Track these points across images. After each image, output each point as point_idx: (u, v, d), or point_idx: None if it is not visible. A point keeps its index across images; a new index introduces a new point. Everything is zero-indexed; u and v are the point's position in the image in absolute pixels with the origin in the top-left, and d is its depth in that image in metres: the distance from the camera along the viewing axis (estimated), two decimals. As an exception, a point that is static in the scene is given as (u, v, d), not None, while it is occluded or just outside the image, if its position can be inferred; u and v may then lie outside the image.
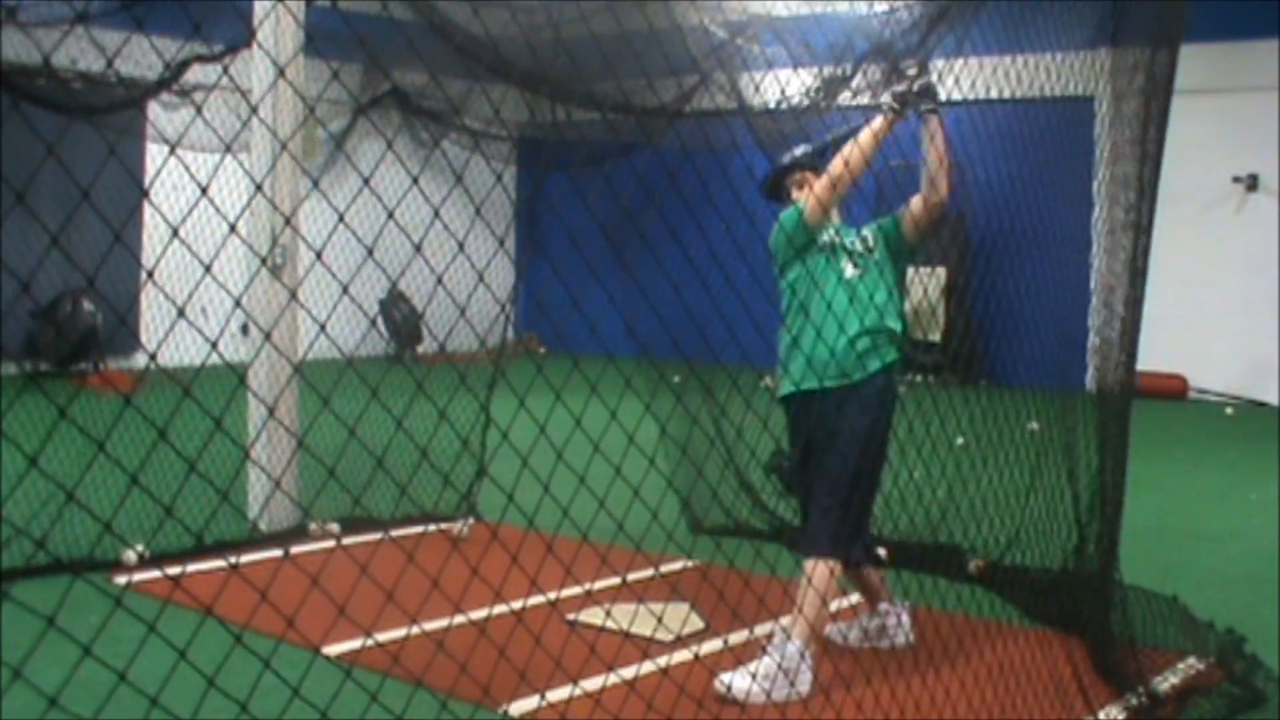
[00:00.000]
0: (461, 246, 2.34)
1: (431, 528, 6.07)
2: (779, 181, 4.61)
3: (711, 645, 4.37)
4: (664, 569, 4.70)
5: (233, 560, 4.11)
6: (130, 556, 5.41)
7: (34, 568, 5.09)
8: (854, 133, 4.53)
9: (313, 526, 6.19)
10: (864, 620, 4.66)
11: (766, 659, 4.01)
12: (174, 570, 4.79)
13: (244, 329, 6.70)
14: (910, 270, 4.89)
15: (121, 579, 5.23)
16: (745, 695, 3.96)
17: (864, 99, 6.53)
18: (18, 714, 2.91)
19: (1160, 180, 4.49)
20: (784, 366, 4.40)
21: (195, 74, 7.40)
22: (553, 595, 3.79)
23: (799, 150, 4.66)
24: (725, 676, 4.07)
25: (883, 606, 4.64)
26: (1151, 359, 5.92)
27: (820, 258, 4.34)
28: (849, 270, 4.35)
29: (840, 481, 4.22)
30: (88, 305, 12.21)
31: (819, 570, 4.13)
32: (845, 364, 4.21)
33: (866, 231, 4.52)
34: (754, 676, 4.00)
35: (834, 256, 4.34)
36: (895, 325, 4.36)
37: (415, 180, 2.29)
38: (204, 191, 2.16)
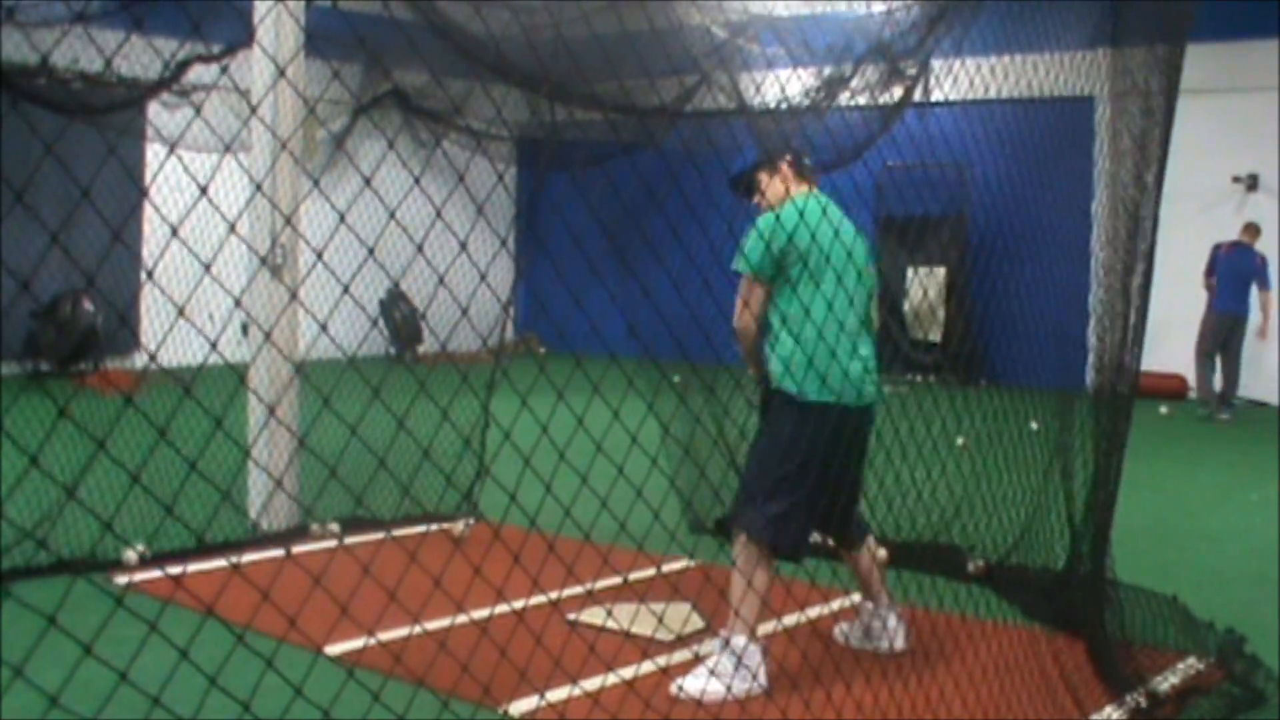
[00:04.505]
0: (464, 246, 2.34)
1: (432, 527, 6.07)
2: (751, 178, 4.45)
3: (711, 645, 4.37)
4: (665, 569, 4.70)
5: (234, 560, 4.11)
6: (130, 556, 5.40)
7: (34, 568, 5.09)
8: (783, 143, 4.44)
9: (314, 527, 6.19)
10: (863, 619, 4.65)
11: (713, 657, 4.04)
12: (175, 570, 4.79)
13: (244, 329, 6.70)
14: (910, 270, 4.86)
15: (122, 579, 5.23)
16: (700, 694, 3.91)
17: (863, 99, 6.54)
18: (18, 714, 2.91)
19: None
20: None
21: (195, 74, 7.40)
22: (554, 595, 3.79)
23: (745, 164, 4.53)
24: (678, 680, 4.05)
25: (870, 607, 4.61)
26: (1151, 359, 5.92)
27: (798, 268, 4.15)
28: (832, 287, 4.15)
29: (765, 471, 4.19)
30: (87, 305, 12.21)
31: (747, 552, 4.10)
32: (812, 375, 4.10)
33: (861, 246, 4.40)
34: (711, 674, 3.98)
35: (814, 269, 4.13)
36: (868, 353, 4.28)
37: (417, 180, 2.30)
38: (204, 191, 2.16)
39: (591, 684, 3.85)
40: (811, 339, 4.08)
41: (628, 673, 4.00)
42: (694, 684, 3.99)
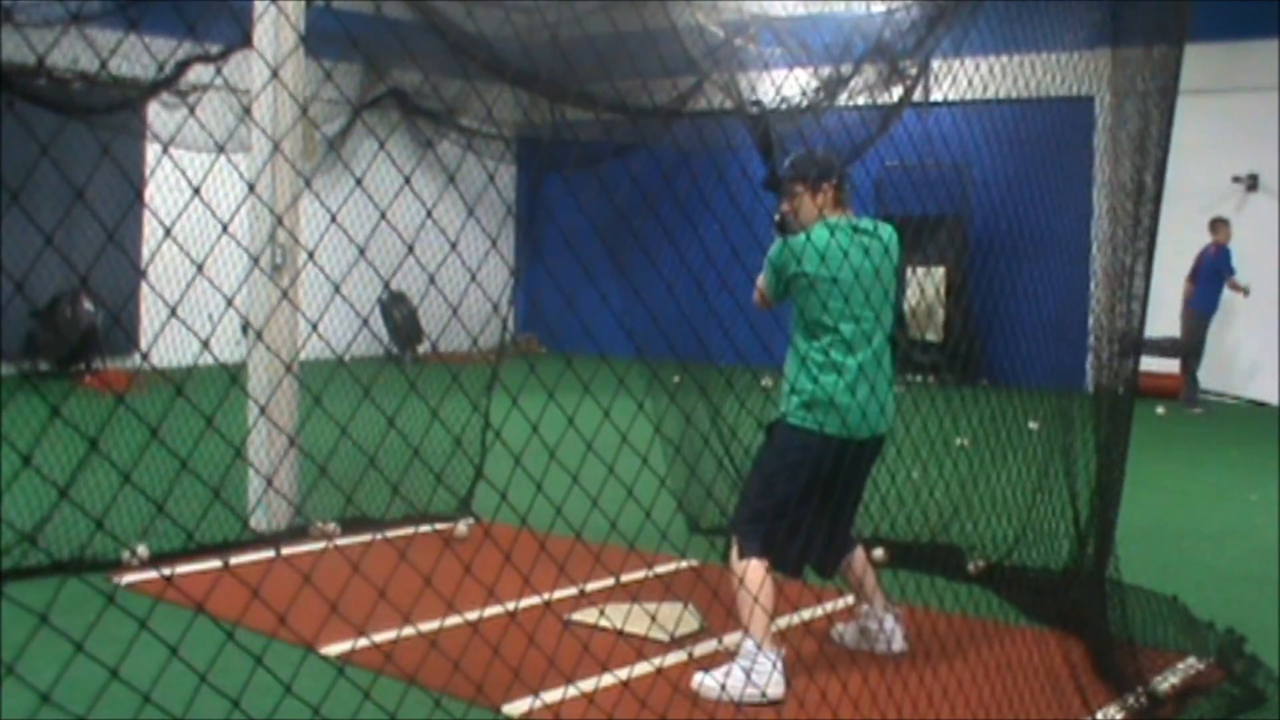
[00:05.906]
0: (454, 246, 2.34)
1: (430, 528, 6.06)
2: (779, 182, 4.53)
3: (706, 645, 4.37)
4: (660, 569, 4.69)
5: (226, 559, 4.10)
6: (128, 557, 5.40)
7: (30, 568, 5.08)
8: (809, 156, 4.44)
9: (312, 527, 6.18)
10: (860, 622, 4.64)
11: (731, 663, 4.04)
12: (168, 569, 4.78)
13: (244, 329, 6.70)
14: (910, 270, 4.85)
15: (118, 579, 5.22)
16: (715, 694, 3.93)
17: (863, 99, 6.53)
18: (14, 712, 2.91)
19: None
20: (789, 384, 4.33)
21: (195, 74, 7.40)
22: (548, 595, 3.79)
23: (789, 159, 4.56)
24: (699, 675, 4.07)
25: (865, 609, 4.61)
26: (1150, 359, 5.89)
27: (807, 288, 4.17)
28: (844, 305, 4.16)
29: (756, 491, 4.28)
30: (87, 305, 12.21)
31: (743, 569, 4.15)
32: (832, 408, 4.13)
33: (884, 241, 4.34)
34: (724, 676, 3.99)
35: (827, 285, 4.12)
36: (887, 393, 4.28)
37: (407, 180, 2.29)
38: (196, 191, 2.16)
39: (587, 684, 3.84)
40: (828, 379, 4.13)
41: (623, 673, 3.99)
42: (713, 682, 4.00)
